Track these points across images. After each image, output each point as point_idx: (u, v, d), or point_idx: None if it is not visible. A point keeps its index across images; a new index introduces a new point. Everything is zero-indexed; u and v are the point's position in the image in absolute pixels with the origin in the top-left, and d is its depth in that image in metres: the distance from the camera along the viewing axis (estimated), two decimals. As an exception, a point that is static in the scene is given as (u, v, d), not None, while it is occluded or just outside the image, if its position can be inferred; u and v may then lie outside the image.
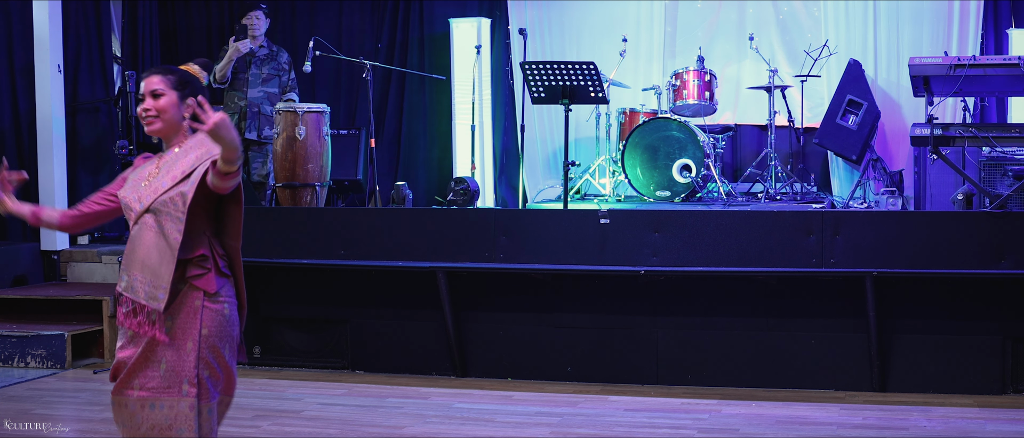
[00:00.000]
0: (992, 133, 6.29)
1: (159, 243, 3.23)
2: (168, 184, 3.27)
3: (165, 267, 3.22)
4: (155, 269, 3.23)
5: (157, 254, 3.23)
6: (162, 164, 3.34)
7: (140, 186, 3.33)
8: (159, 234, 3.24)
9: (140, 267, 3.26)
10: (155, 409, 3.29)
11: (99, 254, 7.76)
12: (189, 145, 3.34)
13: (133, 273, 3.28)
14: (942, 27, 8.51)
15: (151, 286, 3.23)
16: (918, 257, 5.81)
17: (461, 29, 9.25)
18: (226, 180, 3.16)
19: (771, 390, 6.01)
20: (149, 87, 3.33)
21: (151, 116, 3.33)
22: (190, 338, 3.27)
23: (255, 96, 7.79)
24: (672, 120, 8.01)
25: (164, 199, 3.25)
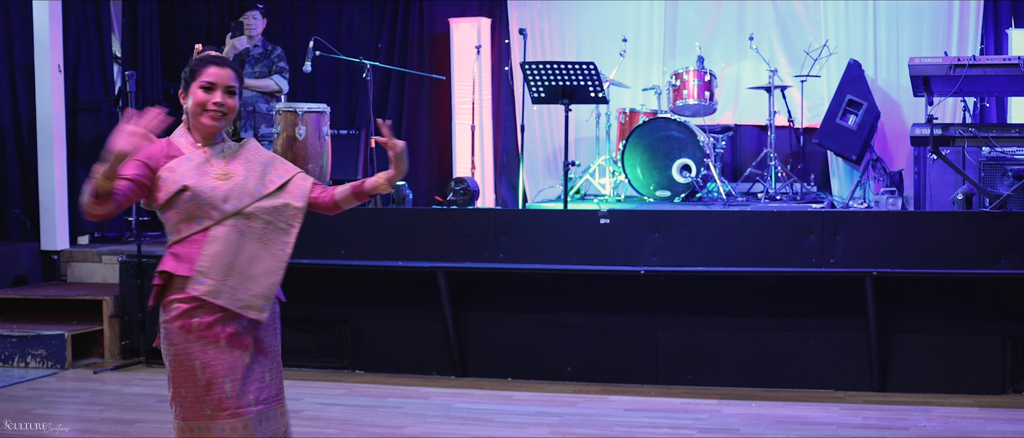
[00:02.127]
0: (992, 133, 6.29)
1: (260, 253, 3.12)
2: (262, 190, 3.15)
3: (271, 278, 3.14)
4: (257, 280, 3.11)
5: (261, 265, 3.12)
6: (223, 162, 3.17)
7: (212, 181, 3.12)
8: (259, 243, 3.12)
9: (236, 274, 3.08)
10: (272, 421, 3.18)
11: (99, 254, 7.76)
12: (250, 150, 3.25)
13: (225, 278, 3.07)
14: (942, 27, 8.51)
15: (251, 295, 3.10)
16: (918, 257, 5.81)
17: (461, 29, 9.25)
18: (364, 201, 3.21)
19: (771, 390, 6.01)
20: (225, 81, 3.17)
21: (221, 112, 3.18)
22: (276, 342, 3.25)
23: (249, 95, 7.79)
24: (672, 120, 8.01)
25: (264, 206, 3.14)
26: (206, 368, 3.07)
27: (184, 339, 3.07)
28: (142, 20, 9.28)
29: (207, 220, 3.09)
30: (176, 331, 3.08)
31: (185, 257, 3.09)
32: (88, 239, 8.34)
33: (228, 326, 3.09)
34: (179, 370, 3.09)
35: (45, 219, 7.91)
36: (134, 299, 6.91)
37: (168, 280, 3.11)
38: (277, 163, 3.27)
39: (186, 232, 3.10)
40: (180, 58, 10.06)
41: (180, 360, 3.09)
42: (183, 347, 3.08)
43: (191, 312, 3.06)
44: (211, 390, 3.07)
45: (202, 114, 3.17)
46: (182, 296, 3.07)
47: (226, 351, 3.09)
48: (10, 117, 8.14)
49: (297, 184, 3.22)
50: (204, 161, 3.15)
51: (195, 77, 3.17)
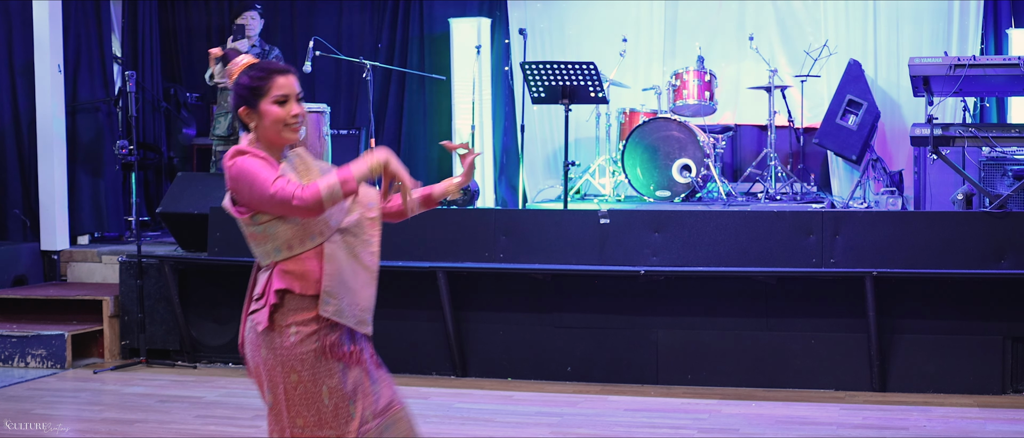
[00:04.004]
0: (992, 133, 6.29)
1: (355, 267, 3.03)
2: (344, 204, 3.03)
3: (369, 290, 3.07)
4: (360, 293, 3.04)
5: (359, 278, 3.04)
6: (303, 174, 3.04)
7: None
8: (352, 257, 3.03)
9: (349, 290, 3.00)
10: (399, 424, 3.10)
11: (99, 254, 7.76)
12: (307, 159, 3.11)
13: (343, 296, 2.99)
14: (942, 27, 8.51)
15: (361, 310, 3.04)
16: (918, 257, 5.81)
17: (461, 29, 9.25)
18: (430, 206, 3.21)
19: (771, 390, 6.01)
20: (295, 89, 3.03)
21: (300, 122, 3.04)
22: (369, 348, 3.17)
23: None
24: (672, 120, 8.01)
25: (351, 220, 3.05)
26: (333, 393, 2.96)
27: (311, 365, 2.94)
28: (142, 20, 9.28)
29: (319, 237, 2.97)
30: (300, 357, 2.94)
31: (300, 275, 2.96)
32: (88, 239, 8.34)
33: (348, 345, 3.02)
34: (303, 398, 2.95)
35: (45, 219, 7.90)
36: (134, 299, 6.91)
37: (282, 299, 2.96)
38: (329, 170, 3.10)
39: (299, 249, 2.96)
40: (180, 58, 10.06)
41: (305, 387, 2.95)
42: (310, 374, 2.95)
43: (317, 334, 2.95)
44: (338, 416, 2.97)
45: (284, 130, 3.00)
46: (302, 318, 2.94)
47: (350, 371, 3.00)
48: (10, 117, 8.14)
49: (365, 193, 3.08)
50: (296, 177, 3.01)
51: (263, 93, 2.98)
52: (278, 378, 2.96)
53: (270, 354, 2.96)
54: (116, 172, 8.52)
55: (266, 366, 2.98)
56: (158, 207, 7.28)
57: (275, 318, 2.95)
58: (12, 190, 8.16)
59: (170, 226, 7.13)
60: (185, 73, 10.04)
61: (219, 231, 6.69)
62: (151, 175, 9.44)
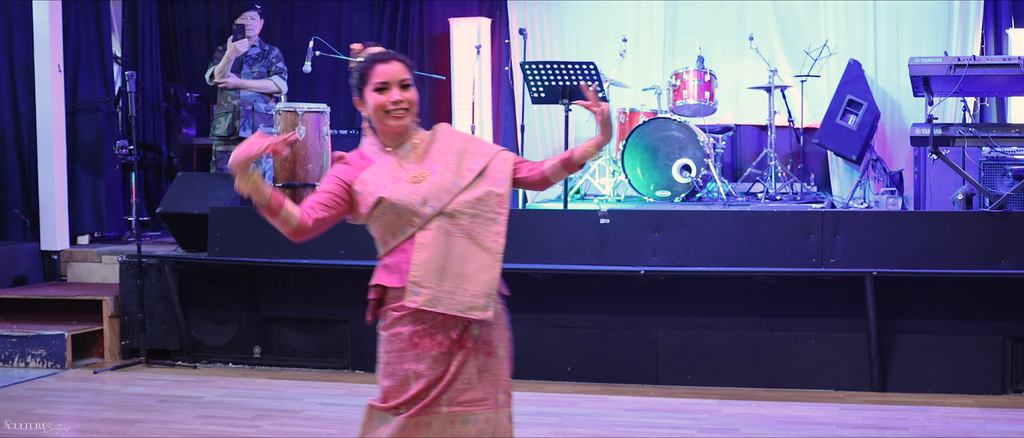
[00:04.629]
0: (992, 133, 6.29)
1: (471, 249, 2.96)
2: (460, 182, 2.98)
3: (487, 273, 2.97)
4: (473, 278, 2.96)
5: (475, 262, 2.96)
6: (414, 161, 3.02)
7: (407, 186, 2.98)
8: (469, 239, 2.96)
9: (451, 277, 2.94)
10: (467, 424, 3.00)
11: (99, 254, 7.76)
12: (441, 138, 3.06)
13: (440, 284, 2.93)
14: (942, 27, 8.52)
15: (471, 296, 2.95)
16: (918, 257, 5.81)
17: (461, 29, 9.25)
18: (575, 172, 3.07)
19: (771, 390, 6.01)
20: (396, 76, 3.01)
21: (402, 109, 3.01)
22: (502, 345, 3.10)
23: (248, 95, 7.79)
24: (672, 120, 8.01)
25: (467, 200, 2.97)
26: (419, 377, 2.97)
27: (398, 347, 2.98)
28: (142, 20, 9.29)
29: (410, 227, 2.96)
30: (391, 339, 3.00)
31: (395, 268, 2.98)
32: (88, 239, 8.34)
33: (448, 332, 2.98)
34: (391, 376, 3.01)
35: (45, 219, 7.90)
36: (134, 299, 6.91)
37: (382, 294, 3.01)
38: (472, 147, 3.08)
39: (393, 243, 2.98)
40: (180, 58, 10.07)
41: (392, 368, 3.00)
42: (396, 356, 2.99)
43: (403, 320, 2.97)
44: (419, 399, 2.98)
45: (386, 117, 3.01)
46: (397, 305, 2.97)
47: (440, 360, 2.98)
48: (10, 117, 8.14)
49: (496, 168, 3.04)
50: (396, 166, 3.02)
51: (366, 81, 3.03)
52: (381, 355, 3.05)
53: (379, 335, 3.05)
54: (116, 172, 8.52)
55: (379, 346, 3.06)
56: (158, 207, 7.28)
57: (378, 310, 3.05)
58: (12, 190, 8.16)
59: (170, 226, 7.13)
60: (185, 73, 10.04)
61: (219, 231, 6.69)
62: (151, 175, 9.44)
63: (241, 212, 6.79)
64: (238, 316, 6.83)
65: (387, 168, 3.01)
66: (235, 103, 7.76)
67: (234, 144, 7.81)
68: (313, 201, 3.03)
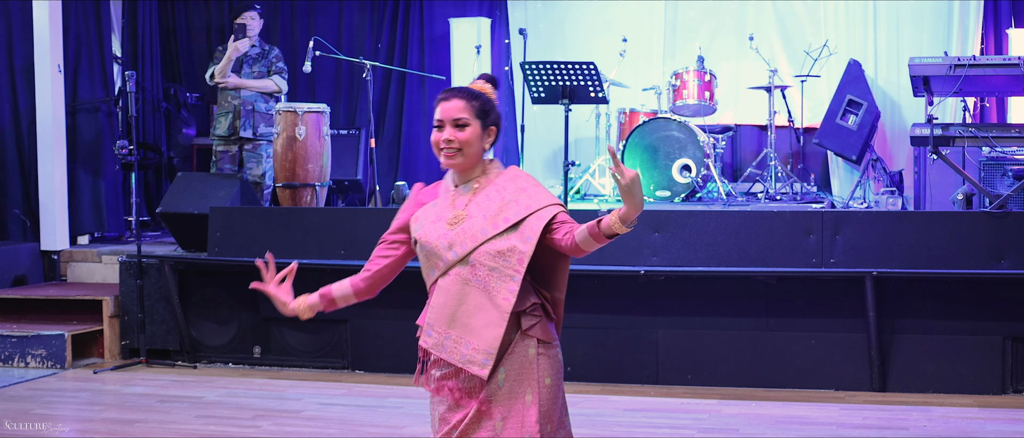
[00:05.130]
0: (992, 133, 6.29)
1: (482, 303, 2.86)
2: (489, 231, 2.87)
3: (492, 331, 2.84)
4: (478, 332, 2.85)
5: (482, 316, 2.86)
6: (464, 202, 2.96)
7: (442, 228, 2.93)
8: (483, 292, 2.86)
9: (459, 326, 2.87)
10: None
11: (99, 254, 7.76)
12: (499, 184, 2.95)
13: (447, 331, 2.89)
14: (942, 27, 8.52)
15: (471, 350, 2.86)
16: (918, 257, 5.81)
17: (461, 29, 9.25)
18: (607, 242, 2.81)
19: (771, 390, 6.01)
20: (451, 115, 2.92)
21: (453, 149, 2.92)
22: (529, 390, 2.89)
23: (248, 95, 7.78)
24: (672, 120, 8.00)
25: (488, 251, 2.86)
26: (442, 422, 2.94)
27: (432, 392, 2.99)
28: (142, 20, 9.29)
29: (435, 270, 2.95)
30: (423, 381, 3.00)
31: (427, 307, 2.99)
32: (88, 239, 8.34)
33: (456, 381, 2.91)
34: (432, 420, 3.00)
35: (45, 219, 7.90)
36: (134, 299, 6.92)
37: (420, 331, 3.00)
38: (522, 198, 2.93)
39: (428, 282, 3.00)
40: (180, 58, 10.07)
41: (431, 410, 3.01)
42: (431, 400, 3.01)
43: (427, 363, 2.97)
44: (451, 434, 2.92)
45: (440, 155, 2.97)
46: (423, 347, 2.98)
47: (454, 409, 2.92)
48: (10, 117, 8.14)
49: (531, 224, 2.89)
50: (448, 205, 2.97)
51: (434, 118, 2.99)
52: None
53: None
54: (116, 172, 8.52)
55: None
56: (158, 207, 7.28)
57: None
58: (12, 190, 8.16)
59: (170, 226, 7.13)
60: (185, 73, 10.05)
61: (219, 231, 6.69)
62: (151, 175, 9.44)
63: (241, 212, 6.80)
64: (238, 316, 6.83)
65: (440, 206, 2.99)
66: (235, 103, 7.76)
67: (234, 144, 7.80)
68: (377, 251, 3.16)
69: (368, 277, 3.12)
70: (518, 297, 2.85)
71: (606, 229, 2.80)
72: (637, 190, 2.72)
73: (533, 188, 2.96)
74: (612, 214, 2.80)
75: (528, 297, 2.91)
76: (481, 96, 2.98)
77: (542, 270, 2.99)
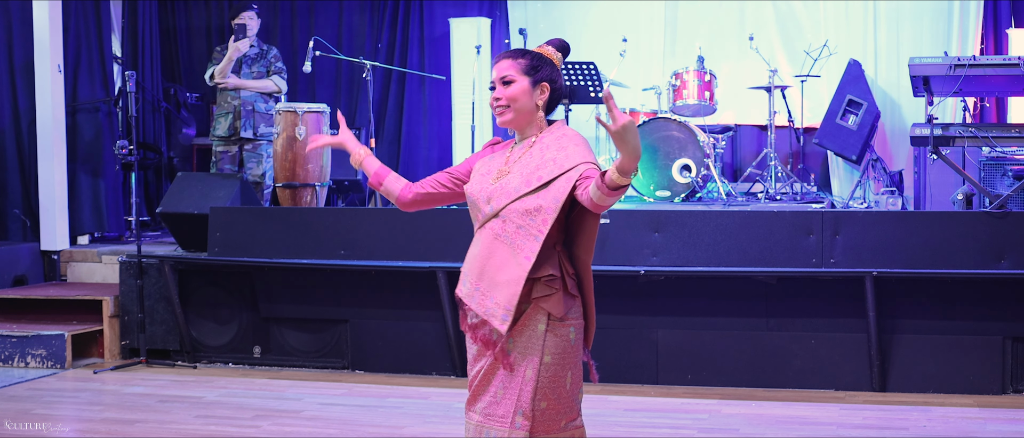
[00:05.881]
0: (992, 133, 6.29)
1: (507, 259, 2.93)
2: (521, 189, 2.93)
3: (511, 288, 2.91)
4: (501, 287, 2.92)
5: (506, 272, 2.92)
6: (513, 159, 3.03)
7: (488, 183, 3.01)
8: (509, 247, 2.93)
9: (486, 279, 2.96)
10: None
11: (99, 254, 7.76)
12: (545, 142, 3.01)
13: (477, 282, 2.98)
14: (942, 27, 8.52)
15: (494, 304, 2.94)
16: (918, 257, 5.81)
17: (461, 29, 9.25)
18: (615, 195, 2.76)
19: (771, 390, 6.01)
20: (499, 73, 3.02)
21: (501, 106, 3.02)
22: (530, 365, 2.94)
23: (248, 95, 7.78)
24: (672, 120, 8.00)
25: (518, 208, 2.92)
26: (470, 364, 3.11)
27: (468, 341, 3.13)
28: (142, 20, 9.29)
29: (475, 222, 3.08)
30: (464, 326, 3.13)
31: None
32: (88, 239, 8.34)
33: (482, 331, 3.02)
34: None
35: (45, 219, 7.90)
36: (134, 299, 6.91)
37: None
38: (560, 156, 2.94)
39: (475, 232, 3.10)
40: (180, 58, 10.07)
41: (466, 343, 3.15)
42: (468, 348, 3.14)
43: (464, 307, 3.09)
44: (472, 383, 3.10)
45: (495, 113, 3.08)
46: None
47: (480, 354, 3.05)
48: (10, 117, 8.14)
49: (559, 185, 2.90)
50: (502, 160, 3.07)
51: None
52: None
53: None
54: (116, 172, 8.52)
55: None
56: (158, 207, 7.28)
57: None
58: (12, 190, 8.16)
59: (170, 226, 7.13)
60: (185, 73, 10.05)
61: (219, 231, 6.69)
62: (151, 175, 9.44)
63: (241, 212, 6.79)
64: (238, 316, 6.83)
65: (495, 160, 3.10)
66: (235, 103, 7.76)
67: (234, 144, 7.81)
68: (435, 176, 3.21)
69: (416, 194, 3.21)
70: (535, 263, 2.89)
71: (609, 182, 2.76)
72: (630, 137, 2.64)
73: (573, 147, 2.96)
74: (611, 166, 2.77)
75: (545, 266, 2.93)
76: (530, 53, 3.07)
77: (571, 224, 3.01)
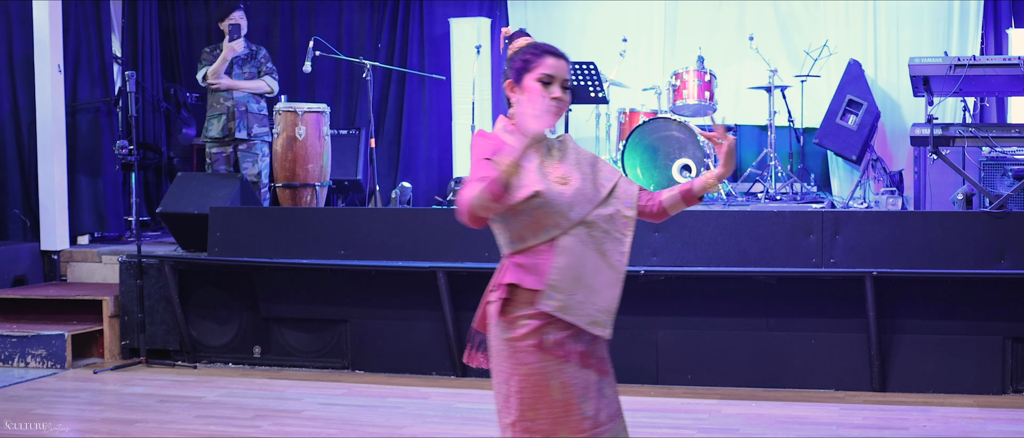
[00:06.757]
0: (992, 133, 6.29)
1: (600, 265, 2.91)
2: (597, 196, 2.94)
3: (611, 291, 2.92)
4: (600, 292, 2.90)
5: (603, 277, 2.91)
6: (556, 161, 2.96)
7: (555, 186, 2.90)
8: (599, 254, 2.91)
9: (584, 288, 2.88)
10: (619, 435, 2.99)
11: (99, 254, 7.76)
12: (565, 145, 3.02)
13: (573, 293, 2.87)
14: (942, 27, 8.52)
15: (597, 311, 2.90)
16: (918, 257, 5.81)
17: (461, 29, 9.26)
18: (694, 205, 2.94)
19: (771, 390, 6.01)
20: (562, 74, 2.95)
21: (561, 108, 2.95)
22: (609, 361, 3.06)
23: (240, 95, 7.75)
24: (672, 120, 8.01)
25: (603, 215, 2.93)
26: (564, 388, 2.88)
27: (539, 358, 2.87)
28: (142, 20, 9.29)
29: (555, 230, 2.87)
30: (529, 349, 2.88)
31: (531, 268, 2.88)
32: (88, 239, 8.34)
33: (578, 344, 2.91)
34: (532, 392, 2.88)
35: (45, 219, 7.90)
36: (134, 299, 6.91)
37: (512, 293, 2.90)
38: (600, 164, 3.03)
39: (532, 241, 2.88)
40: (180, 58, 10.07)
41: (534, 380, 2.88)
42: (539, 366, 2.87)
43: (543, 329, 2.87)
44: (569, 413, 2.89)
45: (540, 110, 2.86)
46: (532, 312, 2.87)
47: (580, 370, 2.91)
48: (10, 117, 8.15)
49: (624, 189, 2.99)
50: (540, 163, 2.94)
51: (530, 68, 2.95)
52: (510, 370, 2.92)
53: (503, 346, 2.93)
54: (116, 172, 8.52)
55: (501, 357, 2.94)
56: (158, 207, 7.28)
57: (506, 310, 2.91)
58: (12, 190, 8.16)
59: (170, 226, 7.13)
60: (185, 73, 10.05)
61: (219, 231, 6.69)
62: (151, 175, 9.44)
63: (241, 212, 6.80)
64: (238, 316, 6.83)
65: (535, 162, 2.92)
66: (228, 104, 7.72)
67: (228, 145, 7.78)
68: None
69: None
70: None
71: (699, 190, 2.99)
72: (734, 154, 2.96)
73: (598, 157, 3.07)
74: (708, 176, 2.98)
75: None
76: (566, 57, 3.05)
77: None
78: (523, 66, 2.97)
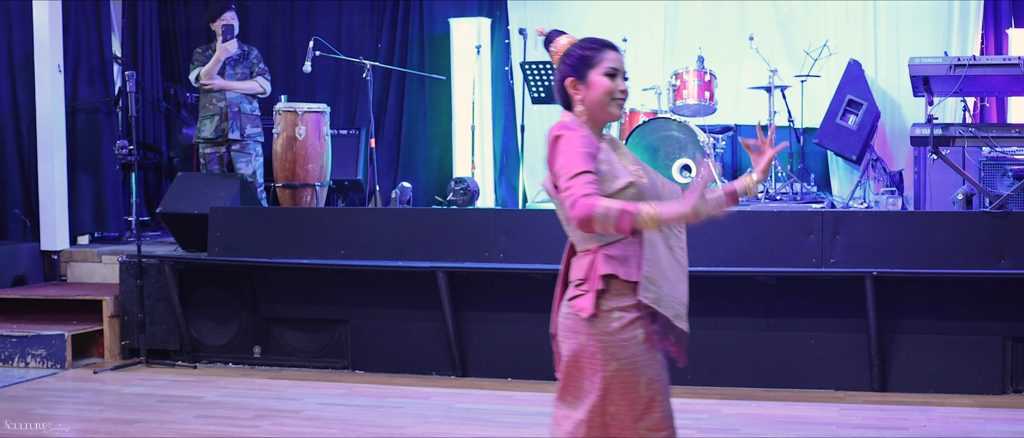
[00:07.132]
0: (992, 133, 6.29)
1: (671, 259, 2.94)
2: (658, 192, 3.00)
3: (683, 285, 2.95)
4: (676, 286, 2.92)
5: (675, 271, 2.94)
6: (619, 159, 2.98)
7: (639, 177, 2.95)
8: (667, 248, 2.94)
9: (667, 281, 2.90)
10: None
11: (99, 254, 7.76)
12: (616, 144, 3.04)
13: (661, 285, 2.88)
14: (942, 27, 8.52)
15: (678, 304, 2.92)
16: (918, 257, 5.81)
17: (461, 29, 9.26)
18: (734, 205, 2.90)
19: (771, 390, 6.01)
20: (623, 67, 2.98)
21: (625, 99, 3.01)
22: None
23: (233, 96, 7.74)
24: (672, 120, 8.00)
25: None
26: (651, 384, 2.88)
27: (634, 352, 2.86)
28: (142, 20, 9.29)
29: None
30: (624, 343, 2.86)
31: (623, 260, 2.87)
32: (88, 239, 8.34)
33: (664, 339, 2.93)
34: (620, 386, 2.86)
35: (45, 219, 7.91)
36: (134, 299, 6.91)
37: (608, 285, 2.87)
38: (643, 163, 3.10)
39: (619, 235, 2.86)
40: (180, 58, 10.07)
41: (624, 375, 2.86)
42: (630, 362, 2.86)
43: (637, 322, 2.87)
44: (652, 409, 2.88)
45: (611, 104, 2.95)
46: (626, 304, 2.87)
47: (662, 367, 2.92)
48: (10, 117, 8.15)
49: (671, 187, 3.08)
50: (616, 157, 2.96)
51: (593, 63, 2.96)
52: (598, 365, 2.88)
53: (592, 340, 2.88)
54: (116, 172, 8.52)
55: (587, 352, 2.89)
56: (158, 207, 7.28)
57: (600, 303, 2.87)
58: (12, 190, 8.16)
59: (170, 226, 7.13)
60: (185, 73, 10.03)
61: (219, 231, 6.69)
62: (151, 175, 9.44)
63: (241, 212, 6.80)
64: (238, 316, 6.83)
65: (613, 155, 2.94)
66: (221, 105, 7.70)
67: (222, 146, 7.75)
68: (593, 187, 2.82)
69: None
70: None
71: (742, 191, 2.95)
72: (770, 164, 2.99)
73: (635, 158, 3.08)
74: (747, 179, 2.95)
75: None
76: None
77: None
78: (583, 62, 2.97)
